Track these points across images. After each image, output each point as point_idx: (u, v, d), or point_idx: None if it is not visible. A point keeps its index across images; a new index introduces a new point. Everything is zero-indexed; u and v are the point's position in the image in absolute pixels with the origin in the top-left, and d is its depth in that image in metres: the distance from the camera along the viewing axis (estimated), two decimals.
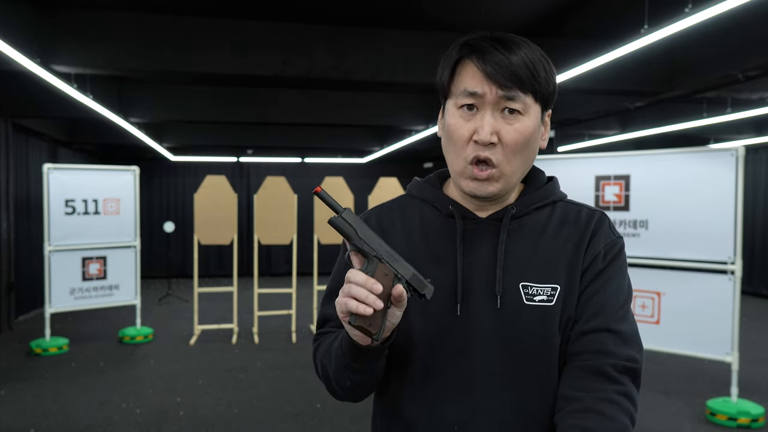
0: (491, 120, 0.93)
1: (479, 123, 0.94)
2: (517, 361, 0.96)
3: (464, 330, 0.97)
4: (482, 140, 0.93)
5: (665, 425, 4.01)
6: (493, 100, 0.93)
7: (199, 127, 9.42)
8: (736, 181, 3.91)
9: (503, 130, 0.94)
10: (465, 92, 0.94)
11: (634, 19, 4.07)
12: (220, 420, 4.10)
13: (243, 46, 5.01)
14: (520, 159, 0.96)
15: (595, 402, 0.88)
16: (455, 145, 0.97)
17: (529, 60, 0.93)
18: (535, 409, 0.96)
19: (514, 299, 0.96)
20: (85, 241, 6.01)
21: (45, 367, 5.30)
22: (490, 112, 0.93)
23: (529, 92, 0.93)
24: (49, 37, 4.63)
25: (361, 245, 0.90)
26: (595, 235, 1.00)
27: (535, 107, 0.96)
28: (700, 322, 4.08)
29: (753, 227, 9.33)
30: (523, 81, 0.92)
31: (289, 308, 7.00)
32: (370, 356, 0.94)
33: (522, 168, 0.98)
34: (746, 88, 5.86)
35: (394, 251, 0.91)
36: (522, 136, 0.94)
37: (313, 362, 1.13)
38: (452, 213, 1.02)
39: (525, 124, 0.94)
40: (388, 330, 0.90)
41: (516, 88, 0.92)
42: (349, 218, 0.91)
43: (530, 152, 0.98)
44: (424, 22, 5.13)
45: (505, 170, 0.95)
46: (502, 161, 0.95)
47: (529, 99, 0.94)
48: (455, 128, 0.96)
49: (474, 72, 0.94)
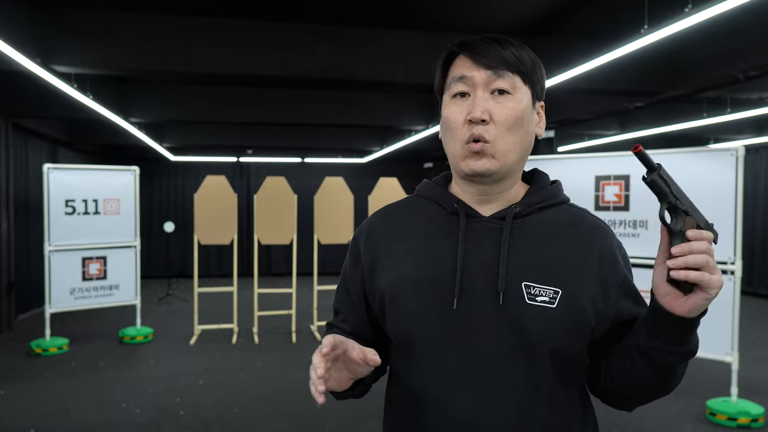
0: (482, 100, 0.98)
1: (471, 105, 0.98)
2: (517, 360, 0.96)
3: (464, 326, 0.98)
4: (475, 117, 0.96)
5: (665, 425, 4.01)
6: (482, 82, 0.98)
7: (199, 127, 9.42)
8: (736, 181, 3.91)
9: (494, 109, 0.98)
10: (455, 79, 1.00)
11: (634, 19, 4.07)
12: (220, 420, 4.10)
13: (243, 46, 5.01)
14: (514, 137, 0.99)
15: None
16: (451, 130, 1.01)
17: (515, 50, 0.99)
18: (534, 409, 0.96)
19: (516, 298, 0.96)
20: (85, 241, 6.01)
21: (45, 367, 5.30)
22: (480, 93, 0.98)
23: (516, 72, 0.98)
24: (49, 37, 4.63)
25: (674, 202, 0.91)
26: (609, 250, 1.03)
27: (525, 89, 1.00)
28: (700, 322, 4.07)
29: (753, 227, 9.33)
30: (508, 61, 0.98)
31: (289, 308, 7.00)
32: (348, 394, 1.02)
33: (518, 147, 1.00)
34: (746, 88, 5.86)
35: (694, 204, 0.93)
36: (513, 113, 0.98)
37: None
38: (456, 210, 1.04)
39: (515, 104, 0.98)
40: (346, 380, 0.97)
41: (503, 67, 0.97)
42: (665, 175, 0.91)
43: (525, 133, 1.01)
44: (424, 22, 5.13)
45: (499, 146, 0.98)
46: (496, 137, 0.98)
47: (517, 80, 0.99)
48: (450, 114, 1.01)
49: (463, 62, 1.00)
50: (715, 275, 0.86)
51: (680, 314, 0.90)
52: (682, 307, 0.90)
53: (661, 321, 0.92)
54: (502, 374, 0.96)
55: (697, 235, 0.87)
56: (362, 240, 1.12)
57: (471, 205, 1.05)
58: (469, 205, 1.05)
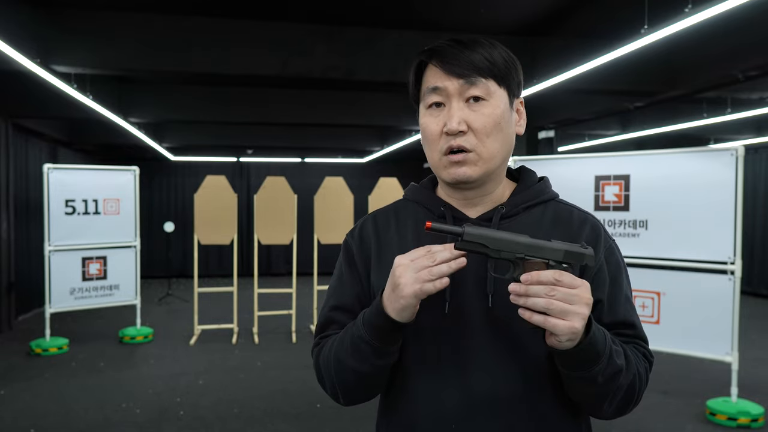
0: (458, 110, 0.96)
1: (447, 116, 0.97)
2: (509, 359, 0.97)
3: (455, 329, 0.98)
4: (451, 130, 0.96)
5: (665, 425, 4.01)
6: (456, 91, 0.97)
7: (199, 127, 9.42)
8: (736, 181, 3.91)
9: (470, 117, 0.96)
10: (429, 90, 0.99)
11: (634, 19, 4.07)
12: (220, 420, 4.10)
13: (243, 46, 5.01)
14: (495, 143, 0.98)
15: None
16: (429, 142, 1.01)
17: (486, 51, 0.97)
18: (527, 406, 0.97)
19: (505, 299, 0.96)
20: (85, 241, 6.01)
21: (45, 367, 5.30)
22: (455, 103, 0.97)
23: (490, 77, 0.97)
24: (49, 37, 4.63)
25: (499, 256, 0.87)
26: (593, 243, 1.02)
27: (500, 92, 0.98)
28: (700, 323, 4.07)
29: (753, 227, 9.32)
30: (480, 67, 0.96)
31: (289, 308, 7.00)
32: (398, 335, 0.95)
33: (501, 152, 0.99)
34: (746, 88, 5.86)
35: (531, 238, 0.88)
36: (491, 119, 0.97)
37: (314, 365, 1.11)
38: (443, 214, 1.04)
39: (492, 109, 0.97)
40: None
41: (475, 74, 0.95)
42: (473, 236, 0.86)
43: (505, 136, 1.00)
44: (424, 23, 5.13)
45: (482, 153, 0.97)
46: (477, 145, 0.97)
47: (491, 84, 0.97)
48: (426, 125, 1.00)
49: (435, 71, 0.99)
50: (564, 321, 0.83)
51: (549, 345, 0.89)
52: (547, 340, 0.89)
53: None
54: (494, 375, 0.96)
55: (528, 279, 0.84)
56: (354, 245, 1.11)
57: (458, 207, 1.05)
58: (456, 207, 1.05)
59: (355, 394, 1.04)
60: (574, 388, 0.96)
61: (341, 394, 1.05)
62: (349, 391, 1.04)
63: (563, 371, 0.93)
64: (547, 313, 0.83)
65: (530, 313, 0.85)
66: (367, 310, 0.97)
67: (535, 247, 0.87)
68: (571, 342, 0.86)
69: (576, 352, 0.87)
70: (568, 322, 0.83)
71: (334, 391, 1.05)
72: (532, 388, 0.97)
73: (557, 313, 0.83)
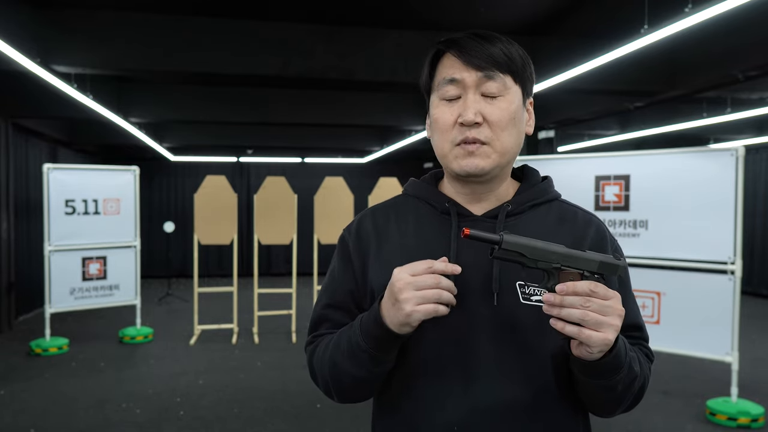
0: (474, 102, 0.95)
1: (463, 107, 0.95)
2: (514, 360, 0.96)
3: (460, 328, 0.97)
4: (467, 121, 0.94)
5: (665, 425, 4.01)
6: (473, 84, 0.95)
7: (199, 127, 9.42)
8: (736, 181, 3.91)
9: (487, 109, 0.95)
10: (445, 81, 0.97)
11: (634, 19, 4.07)
12: (220, 420, 4.10)
13: (243, 46, 5.01)
14: (510, 137, 0.97)
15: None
16: (441, 131, 0.99)
17: (504, 47, 0.96)
18: (531, 409, 0.96)
19: (511, 298, 0.96)
20: (85, 241, 6.01)
21: (45, 367, 5.30)
22: (472, 95, 0.95)
23: (507, 72, 0.96)
24: (49, 37, 4.63)
25: (536, 266, 0.86)
26: (600, 245, 1.02)
27: (516, 89, 0.98)
28: (700, 322, 4.07)
29: (753, 227, 9.32)
30: (500, 62, 0.95)
31: (289, 308, 7.00)
32: (397, 343, 0.94)
33: (514, 146, 0.99)
34: (746, 88, 5.86)
35: (567, 248, 0.87)
36: (507, 113, 0.96)
37: (308, 363, 1.11)
38: (448, 210, 1.02)
39: (507, 104, 0.96)
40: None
41: (494, 68, 0.94)
42: (511, 245, 0.84)
43: (518, 133, 0.99)
44: (424, 22, 5.13)
45: (496, 146, 0.96)
46: (492, 137, 0.96)
47: (508, 79, 0.96)
48: (440, 115, 0.98)
49: (453, 61, 0.97)
50: (598, 333, 0.82)
51: (576, 356, 0.88)
52: (575, 350, 0.88)
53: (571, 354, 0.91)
54: (497, 374, 0.95)
55: (564, 289, 0.83)
56: (351, 240, 1.08)
57: (462, 203, 1.03)
58: (461, 204, 1.03)
59: (350, 395, 1.03)
60: (590, 394, 0.95)
61: (335, 394, 1.04)
62: (343, 392, 1.03)
63: (582, 378, 0.92)
64: (582, 324, 0.83)
65: (563, 324, 0.84)
66: (365, 316, 0.95)
67: (572, 257, 0.86)
68: (600, 353, 0.86)
69: (602, 363, 0.87)
70: (602, 333, 0.83)
71: (327, 389, 1.05)
72: (537, 389, 0.96)
73: (592, 324, 0.82)
